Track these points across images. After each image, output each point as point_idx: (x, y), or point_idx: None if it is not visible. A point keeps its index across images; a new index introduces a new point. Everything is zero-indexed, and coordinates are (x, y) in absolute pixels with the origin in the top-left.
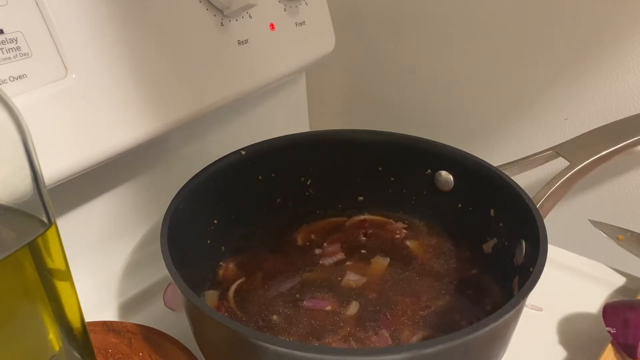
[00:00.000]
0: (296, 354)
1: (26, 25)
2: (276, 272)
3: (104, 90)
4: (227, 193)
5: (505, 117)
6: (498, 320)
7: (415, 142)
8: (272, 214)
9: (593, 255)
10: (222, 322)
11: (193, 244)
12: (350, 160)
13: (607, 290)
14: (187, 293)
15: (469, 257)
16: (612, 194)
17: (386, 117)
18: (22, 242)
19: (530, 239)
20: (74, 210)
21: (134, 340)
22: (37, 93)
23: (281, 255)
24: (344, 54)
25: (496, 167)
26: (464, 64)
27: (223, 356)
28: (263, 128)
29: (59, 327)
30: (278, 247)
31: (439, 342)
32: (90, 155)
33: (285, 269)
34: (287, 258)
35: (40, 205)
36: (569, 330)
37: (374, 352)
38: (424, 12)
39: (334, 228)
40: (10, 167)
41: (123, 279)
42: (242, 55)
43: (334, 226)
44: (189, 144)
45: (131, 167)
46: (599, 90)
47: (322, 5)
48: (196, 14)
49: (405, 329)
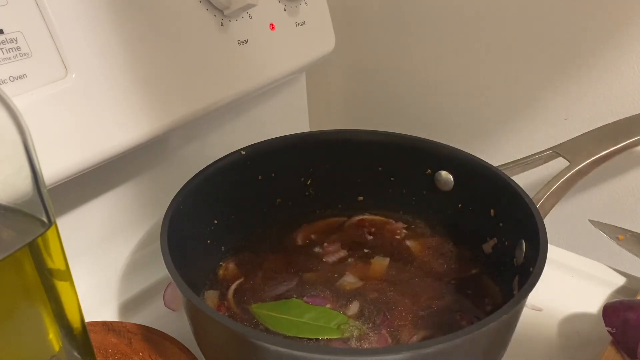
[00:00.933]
0: (296, 354)
1: (26, 25)
2: (276, 272)
3: (104, 90)
4: (227, 193)
5: (505, 117)
6: (498, 320)
7: (415, 142)
8: (272, 214)
9: (593, 255)
10: (222, 322)
11: (193, 244)
12: (350, 160)
13: (607, 290)
14: (187, 293)
15: (469, 257)
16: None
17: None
18: (22, 242)
19: (530, 239)
20: (74, 210)
21: (134, 340)
22: (37, 93)
23: (281, 255)
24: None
25: (496, 167)
26: (463, 64)
27: (223, 356)
28: (263, 128)
29: (59, 327)
30: (278, 247)
31: (439, 342)
32: (90, 155)
33: (285, 269)
34: (287, 258)
35: (40, 205)
36: (569, 330)
37: (374, 352)
38: (424, 12)
39: (334, 228)
40: (10, 167)
41: (123, 279)
42: (242, 55)
43: (333, 226)
44: (189, 144)
45: (131, 167)
46: (599, 90)
47: (322, 5)
48: (196, 14)
49: (405, 329)
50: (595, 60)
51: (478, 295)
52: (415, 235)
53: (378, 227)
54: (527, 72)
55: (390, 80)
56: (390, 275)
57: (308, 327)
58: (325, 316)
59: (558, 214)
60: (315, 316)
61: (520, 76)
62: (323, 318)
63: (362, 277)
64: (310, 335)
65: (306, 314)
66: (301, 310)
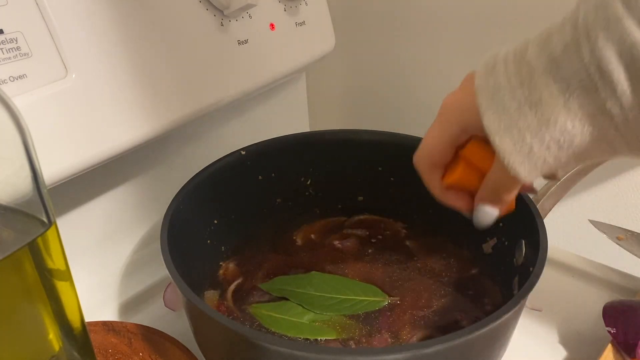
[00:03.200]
0: (296, 353)
1: (26, 25)
2: (276, 272)
3: (104, 90)
4: (227, 193)
5: None
6: (498, 320)
7: (415, 142)
8: (272, 214)
9: (593, 255)
10: (222, 322)
11: (193, 244)
12: (350, 160)
13: (607, 290)
14: (187, 293)
15: (469, 257)
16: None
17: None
18: (22, 242)
19: (530, 239)
20: (74, 210)
21: (134, 340)
22: (37, 93)
23: (281, 255)
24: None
25: None
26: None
27: (223, 356)
28: (263, 128)
29: (59, 327)
30: (278, 247)
31: (439, 342)
32: (90, 155)
33: (285, 269)
34: (286, 258)
35: (40, 205)
36: (569, 330)
37: (374, 352)
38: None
39: (334, 228)
40: (10, 167)
41: (123, 279)
42: (242, 55)
43: (333, 226)
44: (189, 144)
45: (131, 167)
46: None
47: (322, 5)
48: (196, 14)
49: (405, 329)
50: None
51: (478, 295)
52: (416, 235)
53: (378, 227)
54: None
55: (390, 80)
56: (391, 275)
57: (307, 328)
58: (323, 316)
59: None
60: (313, 317)
61: None
62: (321, 318)
63: (362, 277)
64: (310, 335)
65: (305, 315)
66: (300, 311)
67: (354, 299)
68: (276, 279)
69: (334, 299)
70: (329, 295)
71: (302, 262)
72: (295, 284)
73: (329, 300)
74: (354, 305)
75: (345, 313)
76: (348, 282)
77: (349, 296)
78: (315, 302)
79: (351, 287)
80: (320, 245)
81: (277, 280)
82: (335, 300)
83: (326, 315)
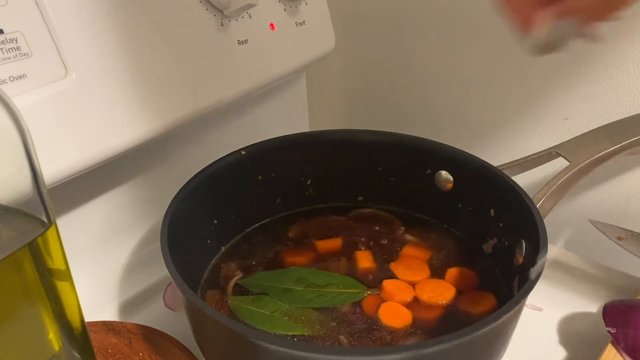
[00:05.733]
0: (296, 353)
1: (26, 25)
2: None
3: (104, 90)
4: (227, 193)
5: (505, 117)
6: (498, 320)
7: (415, 142)
8: (272, 214)
9: (593, 255)
10: (222, 322)
11: (193, 244)
12: (350, 160)
13: (607, 290)
14: (187, 293)
15: (469, 257)
16: (612, 194)
17: (386, 117)
18: (22, 242)
19: (530, 239)
20: (74, 210)
21: (134, 340)
22: (37, 93)
23: (281, 255)
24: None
25: (496, 167)
26: (463, 63)
27: (223, 356)
28: (263, 128)
29: (59, 327)
30: (278, 247)
31: (439, 342)
32: (90, 155)
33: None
34: (286, 258)
35: (40, 205)
36: (569, 330)
37: (374, 352)
38: (424, 12)
39: (334, 228)
40: (10, 167)
41: (123, 279)
42: (242, 55)
43: (333, 226)
44: (189, 144)
45: (131, 167)
46: (598, 90)
47: (322, 5)
48: (196, 14)
49: (405, 329)
50: (595, 60)
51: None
52: (415, 235)
53: (378, 226)
54: (527, 72)
55: (390, 80)
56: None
57: (279, 322)
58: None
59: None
60: (287, 311)
61: (521, 76)
62: (295, 314)
63: (362, 277)
64: (282, 331)
65: (280, 309)
66: (275, 305)
67: (333, 291)
68: (256, 275)
69: (313, 292)
70: (308, 289)
71: (302, 262)
72: (274, 279)
73: (308, 293)
74: (332, 298)
75: (324, 305)
76: (327, 275)
77: (328, 289)
78: (294, 296)
79: (330, 279)
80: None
81: (257, 276)
82: (314, 294)
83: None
